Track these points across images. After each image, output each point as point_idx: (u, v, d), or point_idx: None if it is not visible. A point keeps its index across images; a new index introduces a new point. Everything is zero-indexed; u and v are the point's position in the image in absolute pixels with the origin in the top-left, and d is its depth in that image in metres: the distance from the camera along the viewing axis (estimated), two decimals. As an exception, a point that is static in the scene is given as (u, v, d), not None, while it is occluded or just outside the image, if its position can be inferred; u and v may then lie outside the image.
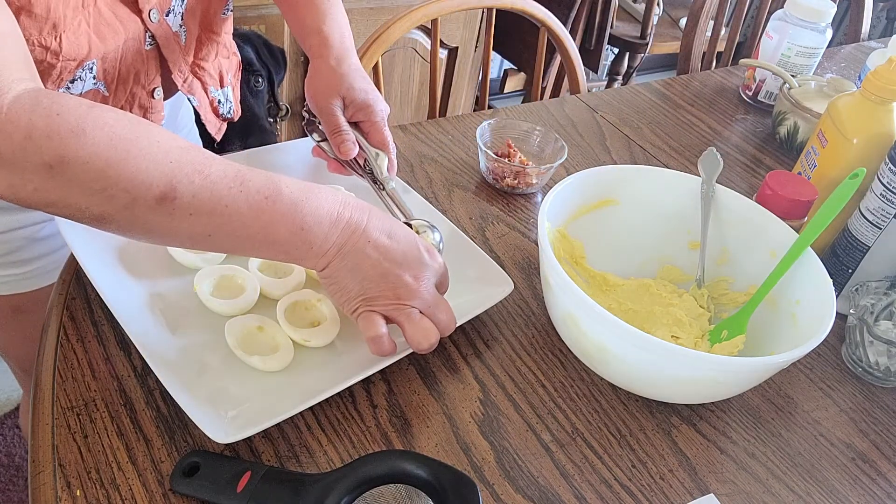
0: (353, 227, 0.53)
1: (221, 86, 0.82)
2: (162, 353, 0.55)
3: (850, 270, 0.71)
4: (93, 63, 0.62)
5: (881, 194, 0.67)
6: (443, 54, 1.92)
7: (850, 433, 0.62)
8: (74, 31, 0.59)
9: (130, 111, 0.70)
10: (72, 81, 0.62)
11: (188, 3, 0.71)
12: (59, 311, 0.60)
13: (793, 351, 0.53)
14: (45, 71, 0.59)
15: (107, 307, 0.57)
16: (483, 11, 1.65)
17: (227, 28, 0.82)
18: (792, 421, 0.63)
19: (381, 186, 0.70)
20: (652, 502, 0.54)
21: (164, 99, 0.74)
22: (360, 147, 0.71)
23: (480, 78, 1.73)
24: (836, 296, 0.62)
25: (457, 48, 1.91)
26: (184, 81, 0.75)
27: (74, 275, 0.63)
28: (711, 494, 0.55)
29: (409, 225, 0.65)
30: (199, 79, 0.77)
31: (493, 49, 1.72)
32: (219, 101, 0.82)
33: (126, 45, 0.65)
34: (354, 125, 0.73)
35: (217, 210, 0.48)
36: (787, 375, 0.67)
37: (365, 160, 0.73)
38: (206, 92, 0.79)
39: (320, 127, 0.74)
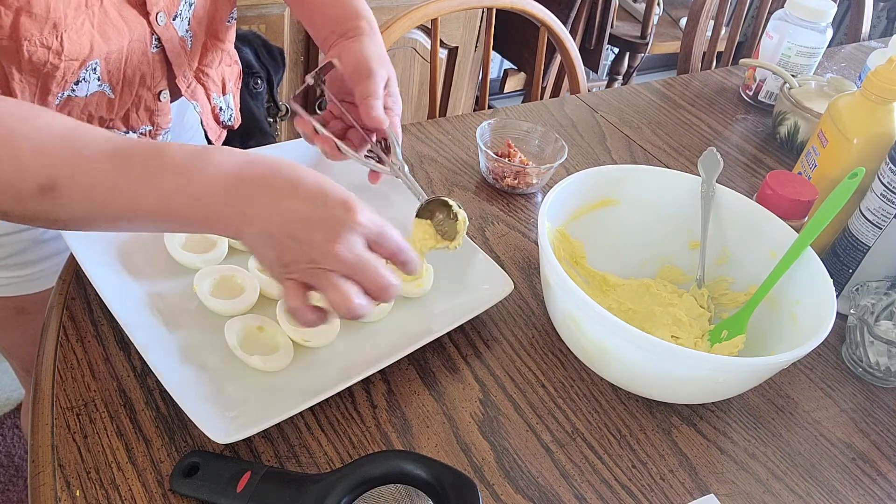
0: (253, 190, 0.47)
1: (224, 93, 0.82)
2: (162, 353, 0.55)
3: (850, 270, 0.71)
4: (95, 63, 0.62)
5: (881, 194, 0.66)
6: (443, 54, 1.91)
7: (850, 433, 0.62)
8: (77, 30, 0.58)
9: (137, 113, 0.70)
10: (76, 83, 0.62)
11: (196, 8, 0.71)
12: (59, 311, 0.60)
13: (793, 351, 0.53)
14: (49, 73, 0.59)
15: (106, 307, 0.57)
16: (483, 11, 1.65)
17: (231, 36, 0.82)
18: (792, 421, 0.63)
19: (400, 168, 0.70)
20: (652, 502, 0.54)
21: (171, 101, 0.74)
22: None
23: (480, 78, 1.73)
24: (837, 296, 0.62)
25: (457, 48, 1.91)
26: (188, 87, 0.74)
27: (74, 275, 0.63)
28: (711, 494, 0.55)
29: (432, 201, 0.63)
30: (202, 85, 0.77)
31: (493, 49, 1.72)
32: (220, 109, 0.82)
33: (131, 46, 0.65)
34: None
35: (101, 193, 0.45)
36: (787, 375, 0.67)
37: (375, 138, 0.71)
38: (208, 99, 0.79)
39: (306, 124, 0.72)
